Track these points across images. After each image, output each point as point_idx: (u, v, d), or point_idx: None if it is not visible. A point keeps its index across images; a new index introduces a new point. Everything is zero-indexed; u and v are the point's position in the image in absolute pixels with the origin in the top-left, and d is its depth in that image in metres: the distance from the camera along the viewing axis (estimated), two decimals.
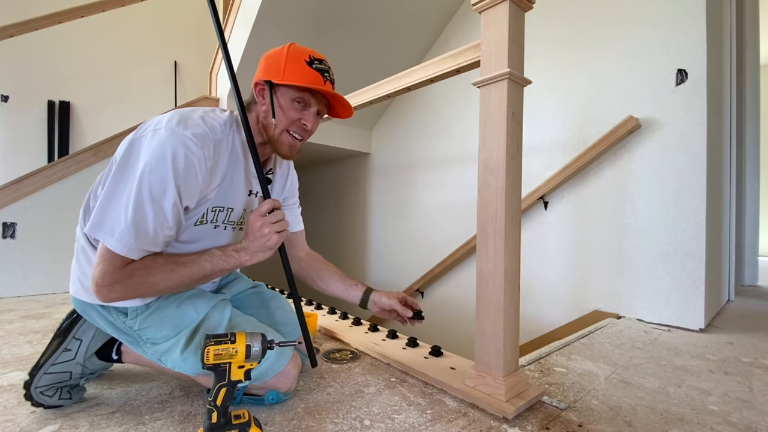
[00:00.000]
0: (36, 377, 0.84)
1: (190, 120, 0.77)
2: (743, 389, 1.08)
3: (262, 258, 0.82)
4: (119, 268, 0.71)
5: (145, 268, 0.74)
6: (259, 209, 0.82)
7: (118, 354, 0.98)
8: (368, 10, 2.67)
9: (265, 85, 0.85)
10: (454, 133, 2.94)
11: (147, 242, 0.73)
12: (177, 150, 0.72)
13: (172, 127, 0.73)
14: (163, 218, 0.73)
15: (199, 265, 0.78)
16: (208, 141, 0.77)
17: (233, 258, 0.81)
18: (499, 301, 0.91)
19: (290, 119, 0.86)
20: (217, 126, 0.82)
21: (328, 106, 0.93)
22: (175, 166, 0.71)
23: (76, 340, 0.91)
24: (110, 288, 0.72)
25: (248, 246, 0.81)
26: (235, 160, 0.86)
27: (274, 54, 0.86)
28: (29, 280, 2.16)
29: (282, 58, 0.84)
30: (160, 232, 0.74)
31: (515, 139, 0.92)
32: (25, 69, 3.11)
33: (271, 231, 0.80)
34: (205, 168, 0.76)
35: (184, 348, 0.83)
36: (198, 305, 0.88)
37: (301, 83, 0.82)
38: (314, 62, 0.85)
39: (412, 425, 0.82)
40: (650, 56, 1.85)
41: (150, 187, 0.70)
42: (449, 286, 2.91)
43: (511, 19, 0.89)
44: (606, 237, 1.97)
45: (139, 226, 0.71)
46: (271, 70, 0.84)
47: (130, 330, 0.84)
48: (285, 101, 0.85)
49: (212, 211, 0.85)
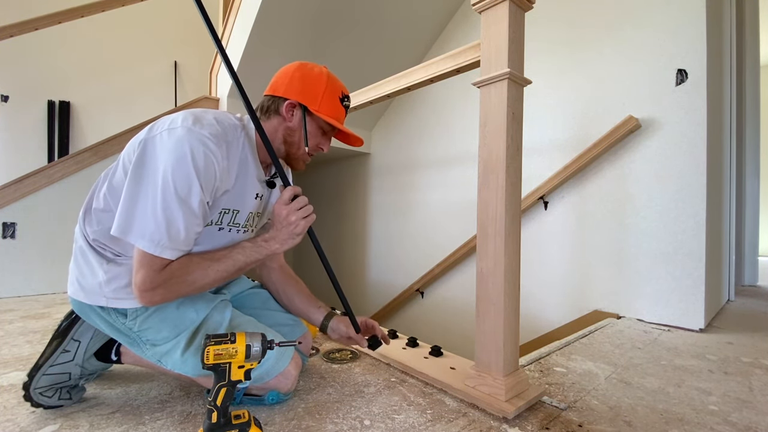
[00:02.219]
0: (35, 378, 0.84)
1: (204, 120, 0.77)
2: (743, 389, 1.08)
3: (292, 244, 0.84)
4: (158, 272, 0.72)
5: (183, 267, 0.74)
6: (282, 197, 0.83)
7: (117, 355, 0.98)
8: (368, 10, 2.67)
9: (300, 107, 0.88)
10: (454, 133, 2.94)
11: (180, 241, 0.73)
12: (196, 148, 0.72)
13: (188, 126, 0.73)
14: (192, 216, 0.73)
15: (233, 258, 0.80)
16: (222, 142, 0.78)
17: (264, 248, 0.83)
18: (499, 301, 0.91)
19: (314, 145, 0.92)
20: (229, 128, 0.83)
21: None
22: (196, 164, 0.72)
23: (74, 342, 0.91)
24: (153, 292, 0.72)
25: (277, 235, 0.83)
26: (244, 164, 0.87)
27: (311, 77, 0.89)
28: (29, 280, 2.16)
29: (321, 86, 0.88)
30: (191, 230, 0.74)
31: (515, 139, 0.92)
32: (25, 69, 3.11)
33: (297, 218, 0.82)
34: (221, 167, 0.77)
35: (184, 349, 0.82)
36: (198, 306, 0.87)
37: (334, 121, 0.88)
38: (344, 99, 0.92)
39: (412, 425, 0.82)
40: (650, 56, 1.85)
41: (175, 185, 0.70)
42: (449, 286, 2.91)
43: (511, 19, 0.89)
44: (606, 237, 1.97)
45: (170, 225, 0.71)
46: (308, 95, 0.87)
47: (129, 331, 0.84)
48: (313, 128, 0.90)
49: (218, 213, 0.85)
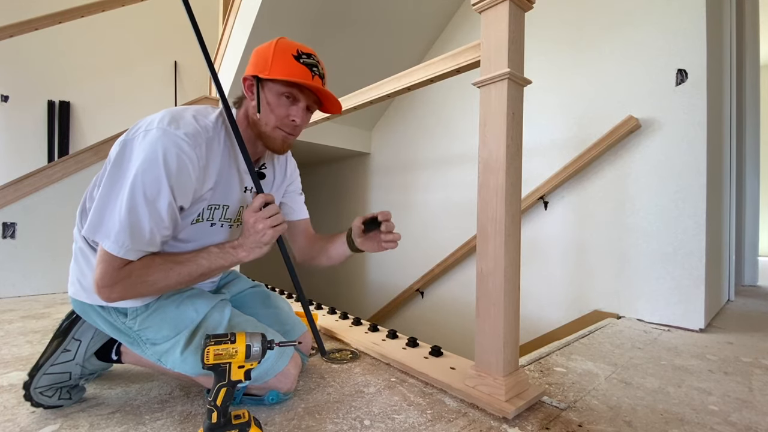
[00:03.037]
0: (35, 378, 0.84)
1: (182, 119, 0.77)
2: (743, 389, 1.08)
3: (260, 254, 0.81)
4: (117, 269, 0.72)
5: (144, 268, 0.74)
6: (252, 205, 0.80)
7: (118, 354, 0.98)
8: (368, 10, 2.67)
9: (253, 80, 0.84)
10: (454, 133, 2.94)
11: (143, 243, 0.73)
12: (168, 150, 0.72)
13: (163, 127, 0.73)
14: (159, 218, 0.73)
15: (197, 263, 0.78)
16: (200, 140, 0.77)
17: (230, 255, 0.80)
18: (499, 301, 0.90)
19: (279, 115, 0.85)
20: (209, 124, 0.82)
21: (318, 101, 0.91)
22: (168, 167, 0.72)
23: (75, 341, 0.91)
24: (111, 288, 0.73)
25: (244, 242, 0.80)
26: (228, 157, 0.86)
27: (262, 49, 0.85)
28: (29, 280, 2.16)
29: (269, 52, 0.83)
30: (157, 233, 0.74)
31: (515, 139, 0.92)
32: (25, 69, 3.11)
33: (265, 226, 0.78)
34: (198, 168, 0.77)
35: (183, 348, 0.83)
36: (198, 305, 0.88)
37: (288, 78, 0.81)
38: (302, 56, 0.83)
39: (412, 425, 0.82)
40: (650, 56, 1.84)
41: (144, 188, 0.71)
42: (449, 286, 2.91)
43: (511, 19, 0.89)
44: (606, 237, 1.97)
45: (134, 227, 0.71)
46: (259, 64, 0.83)
47: (129, 330, 0.84)
48: (272, 97, 0.84)
49: (208, 209, 0.85)
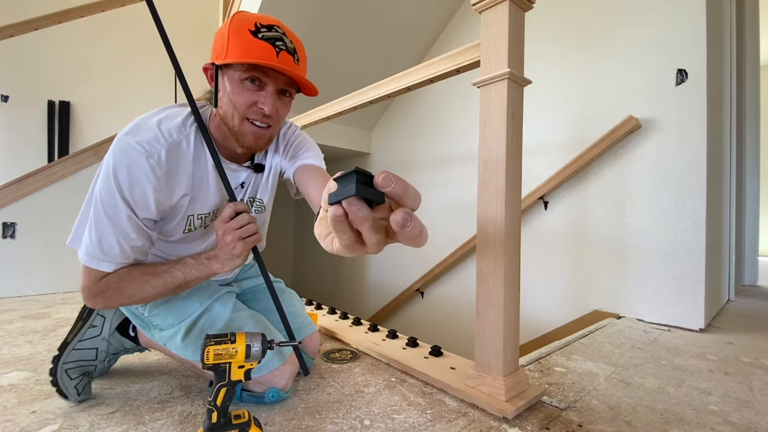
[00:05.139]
0: (65, 353, 0.88)
1: (143, 125, 0.72)
2: (743, 389, 1.08)
3: (233, 266, 0.78)
4: (95, 282, 0.73)
5: (119, 281, 0.75)
6: (222, 215, 0.74)
7: (135, 331, 1.03)
8: (368, 11, 2.67)
9: (212, 68, 0.74)
10: (454, 133, 2.94)
11: (114, 255, 0.72)
12: (119, 163, 0.68)
13: (120, 137, 0.70)
14: (123, 232, 0.71)
15: (171, 275, 0.77)
16: (158, 147, 0.70)
17: (205, 266, 0.78)
18: (499, 301, 0.90)
19: (240, 105, 0.72)
20: (173, 127, 0.74)
21: (293, 82, 0.76)
22: (118, 181, 0.68)
23: (100, 317, 0.97)
24: (94, 299, 0.75)
25: (218, 254, 0.76)
26: (202, 160, 0.78)
27: (219, 30, 0.73)
28: (29, 280, 2.16)
29: (224, 32, 0.70)
30: (126, 245, 0.73)
31: (515, 139, 0.92)
32: (25, 69, 3.10)
33: (234, 238, 0.73)
34: (154, 177, 0.70)
35: (184, 336, 0.88)
36: (202, 297, 0.92)
37: (244, 60, 0.67)
38: (261, 30, 0.69)
39: (412, 425, 0.82)
40: (650, 56, 1.85)
41: (102, 203, 0.69)
42: (449, 286, 2.91)
43: (511, 19, 0.89)
44: (606, 237, 1.97)
45: (102, 240, 0.71)
46: (216, 49, 0.71)
47: (141, 315, 0.92)
48: (232, 85, 0.72)
49: (198, 218, 0.84)
